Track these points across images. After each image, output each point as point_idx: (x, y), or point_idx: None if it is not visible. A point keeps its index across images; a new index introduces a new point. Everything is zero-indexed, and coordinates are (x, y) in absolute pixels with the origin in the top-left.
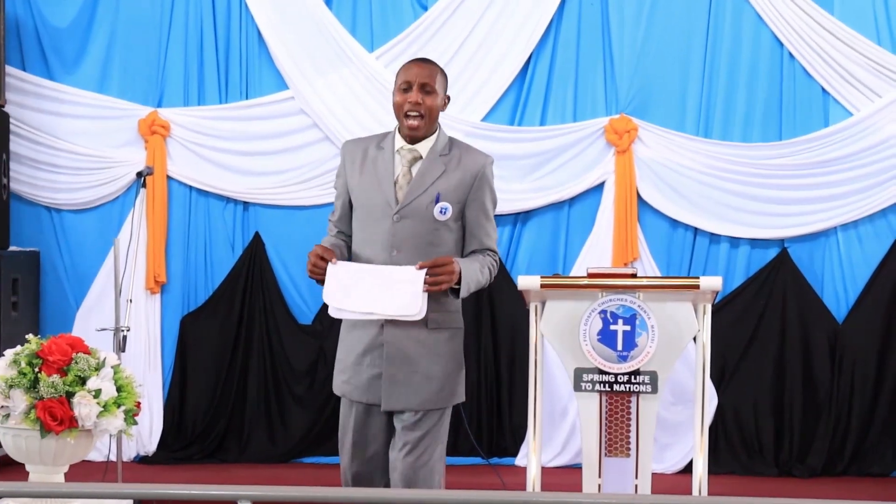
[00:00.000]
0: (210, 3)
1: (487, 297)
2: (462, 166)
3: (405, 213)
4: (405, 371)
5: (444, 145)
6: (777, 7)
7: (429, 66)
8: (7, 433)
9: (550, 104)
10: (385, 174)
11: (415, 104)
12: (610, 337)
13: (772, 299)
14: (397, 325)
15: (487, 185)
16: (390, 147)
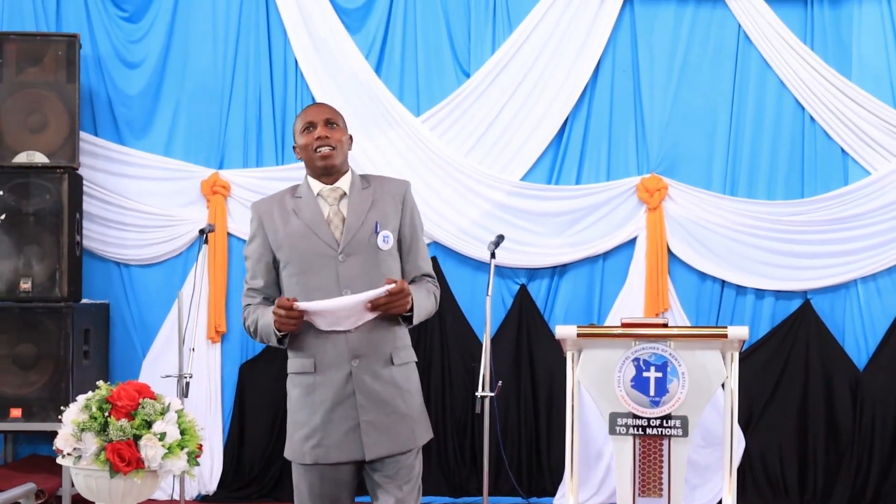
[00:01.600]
0: (268, 72)
1: (527, 346)
2: (386, 193)
3: (349, 251)
4: (382, 413)
5: (360, 180)
6: (798, 73)
7: (327, 106)
8: (79, 473)
9: (585, 164)
10: (315, 218)
11: (323, 137)
12: (643, 383)
13: (795, 348)
14: (364, 368)
15: (415, 209)
16: (308, 194)
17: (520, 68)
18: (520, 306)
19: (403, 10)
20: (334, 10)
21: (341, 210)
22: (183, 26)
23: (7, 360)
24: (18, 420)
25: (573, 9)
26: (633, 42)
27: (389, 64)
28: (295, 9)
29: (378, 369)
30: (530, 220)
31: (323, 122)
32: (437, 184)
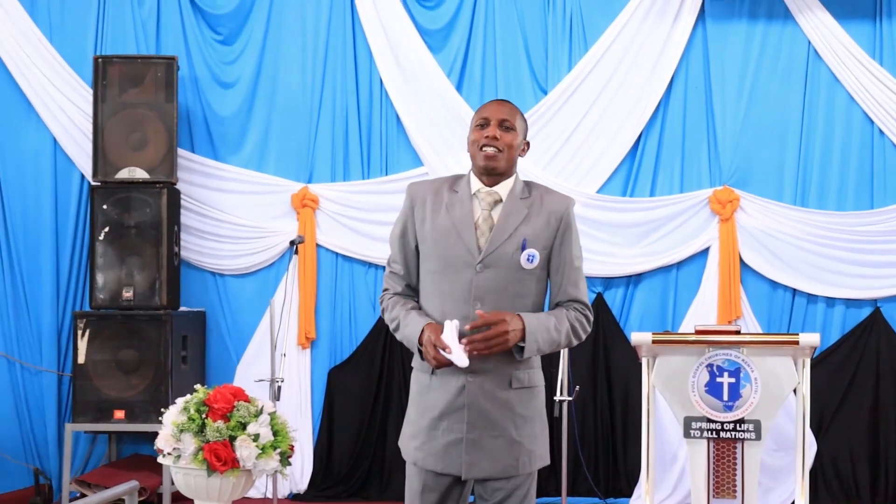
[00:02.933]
0: (354, 91)
1: (603, 352)
2: (546, 208)
3: (489, 263)
4: (488, 435)
5: (522, 188)
6: (867, 87)
7: (508, 105)
8: (179, 472)
9: (659, 177)
10: (464, 219)
11: (492, 138)
12: (717, 388)
13: (866, 354)
14: (479, 386)
15: (573, 231)
16: (466, 190)
17: (595, 85)
18: (596, 314)
19: (483, 30)
20: (417, 31)
21: (492, 216)
22: (274, 48)
23: (111, 364)
24: (122, 421)
25: (647, 27)
26: (705, 58)
27: (470, 82)
28: (380, 30)
29: (493, 389)
30: (606, 230)
31: (497, 122)
32: None
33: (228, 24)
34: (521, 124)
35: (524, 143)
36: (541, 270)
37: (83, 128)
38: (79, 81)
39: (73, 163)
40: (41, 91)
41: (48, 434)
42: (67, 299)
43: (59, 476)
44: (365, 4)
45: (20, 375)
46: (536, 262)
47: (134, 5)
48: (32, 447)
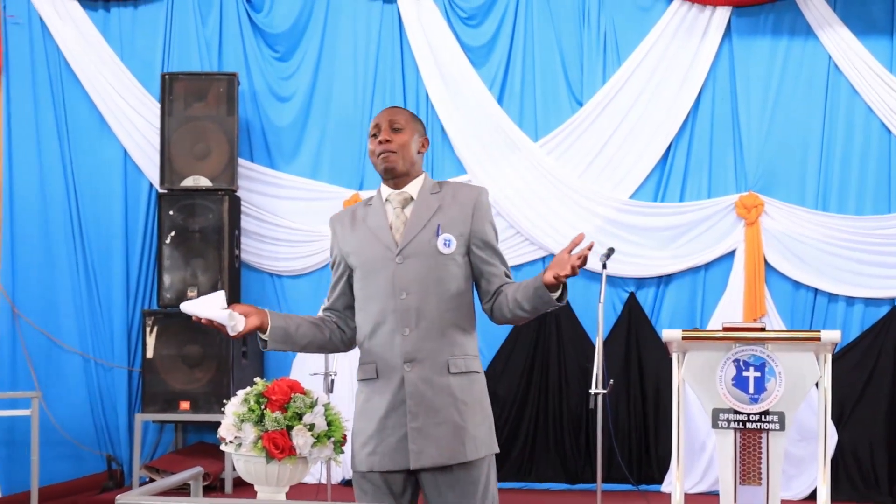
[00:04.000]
0: (402, 102)
1: (635, 348)
2: (457, 200)
3: (407, 253)
4: (432, 422)
5: (433, 185)
6: (884, 99)
7: (397, 108)
8: (240, 459)
9: (688, 183)
10: (379, 224)
11: (385, 143)
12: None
13: (884, 350)
14: (417, 374)
15: (488, 215)
16: (378, 201)
17: (628, 97)
18: (629, 312)
19: (523, 46)
20: (461, 48)
21: (405, 214)
22: (328, 64)
23: (177, 359)
24: (187, 412)
25: (677, 43)
26: (731, 72)
27: (510, 95)
28: (426, 47)
29: (432, 376)
30: (638, 234)
31: (387, 125)
32: (553, 202)
33: (285, 43)
34: (413, 123)
35: (422, 140)
36: (461, 257)
37: (151, 140)
38: (147, 97)
39: (142, 172)
40: (113, 106)
41: (119, 424)
42: (137, 299)
43: (129, 462)
44: (412, 23)
45: (94, 371)
46: (454, 246)
47: (198, 25)
48: (105, 436)
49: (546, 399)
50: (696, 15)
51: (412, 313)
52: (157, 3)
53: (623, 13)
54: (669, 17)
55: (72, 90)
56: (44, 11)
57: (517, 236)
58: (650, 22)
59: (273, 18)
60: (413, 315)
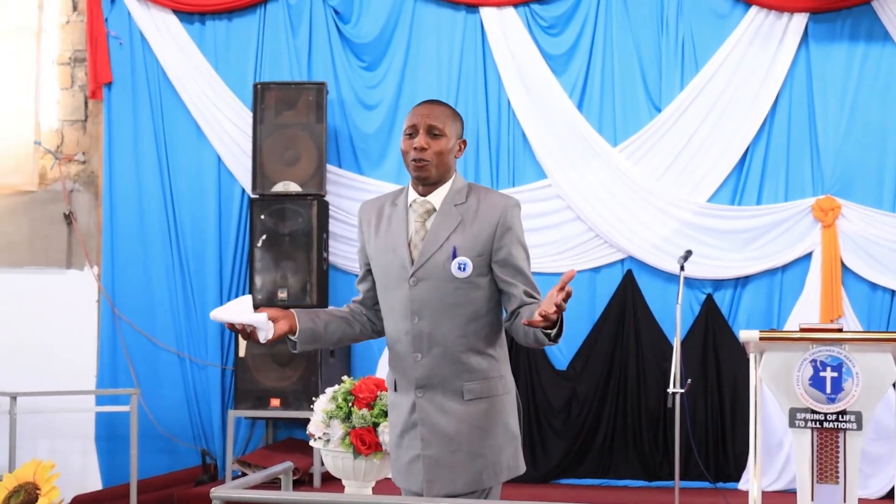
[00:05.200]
0: (484, 111)
1: (713, 348)
2: (480, 215)
3: (421, 276)
4: (447, 451)
5: (459, 193)
6: None
7: (437, 106)
8: (328, 454)
9: (765, 187)
10: (398, 234)
11: (420, 149)
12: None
13: None
14: (429, 401)
15: (514, 232)
16: (403, 202)
17: (706, 102)
18: (706, 313)
19: (602, 54)
20: (542, 57)
21: (425, 228)
22: (412, 73)
23: (268, 358)
24: (277, 409)
25: (754, 49)
26: (808, 76)
27: (590, 101)
28: (508, 56)
29: (445, 402)
30: (716, 236)
31: (425, 129)
32: (632, 205)
33: (372, 53)
34: (452, 125)
35: (459, 143)
36: (480, 277)
37: (244, 147)
38: (240, 105)
39: (234, 178)
40: (207, 115)
41: (213, 420)
42: (230, 299)
43: (223, 457)
44: (494, 32)
45: (189, 369)
46: (469, 270)
47: (289, 36)
48: (200, 431)
49: (625, 398)
50: (774, 21)
51: (424, 339)
52: (250, 15)
53: (701, 20)
54: (747, 24)
55: (169, 100)
56: (144, 26)
57: (597, 239)
58: (728, 28)
59: (360, 29)
60: (425, 341)
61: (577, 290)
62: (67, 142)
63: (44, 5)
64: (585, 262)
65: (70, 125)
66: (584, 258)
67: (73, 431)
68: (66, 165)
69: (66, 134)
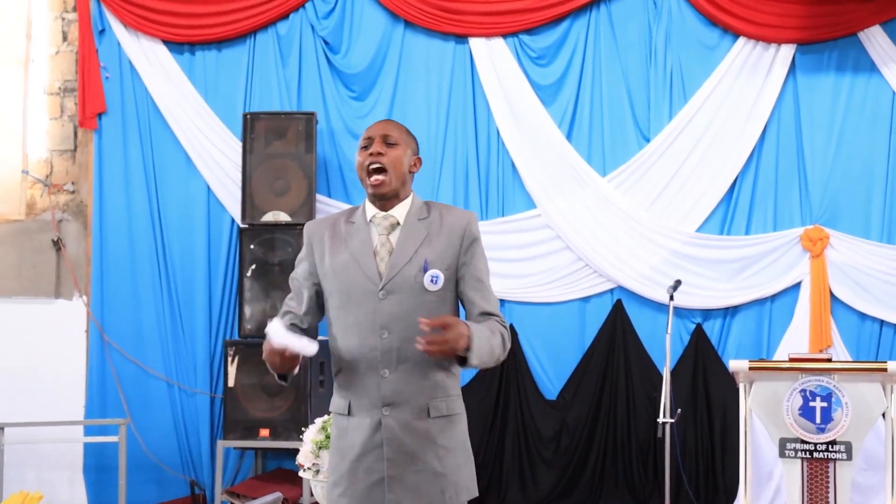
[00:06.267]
0: (474, 141)
1: (702, 378)
2: (446, 227)
3: (391, 288)
4: (410, 470)
5: (421, 209)
6: None
7: (392, 122)
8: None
9: (754, 217)
10: (362, 248)
11: (376, 155)
12: (810, 412)
13: None
14: (395, 419)
15: (478, 245)
16: (362, 219)
17: (694, 133)
18: (696, 343)
19: (591, 84)
20: (531, 87)
21: (391, 241)
22: (401, 103)
23: (257, 388)
24: (266, 439)
25: (742, 80)
26: (796, 107)
27: (579, 131)
28: (497, 86)
29: (411, 420)
30: (705, 266)
31: (380, 138)
32: (621, 235)
33: (361, 83)
34: (408, 139)
35: (415, 158)
36: (447, 292)
37: (233, 176)
38: (230, 135)
39: (224, 207)
40: (197, 145)
41: (202, 449)
42: (219, 329)
43: (211, 487)
44: (483, 63)
45: (178, 396)
46: (440, 282)
47: (278, 66)
48: (189, 461)
49: (615, 427)
50: (761, 52)
51: (393, 354)
52: (240, 45)
53: (689, 51)
54: (735, 55)
55: (159, 130)
56: (133, 56)
57: (586, 269)
58: (716, 59)
59: (350, 59)
60: (394, 356)
61: (566, 319)
62: (56, 171)
63: (32, 35)
64: (575, 292)
65: (59, 155)
66: (574, 288)
67: (60, 461)
68: (55, 195)
69: (54, 164)
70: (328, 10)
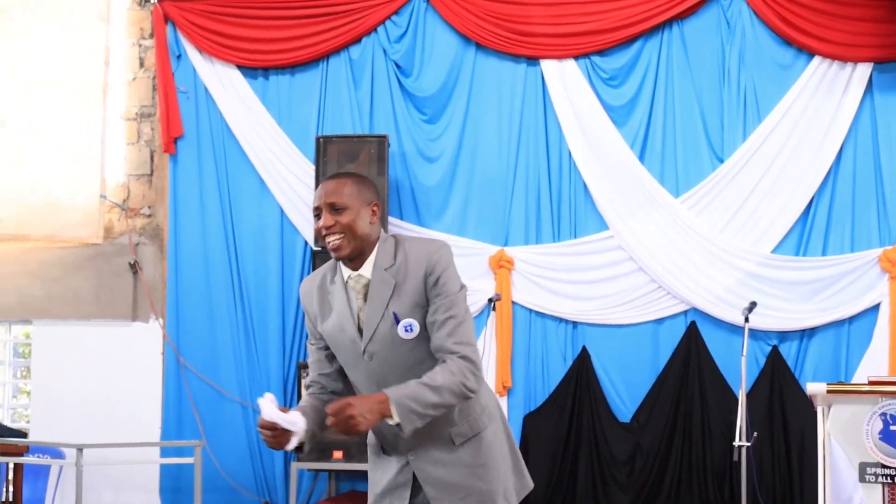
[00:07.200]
0: (545, 162)
1: (779, 401)
2: (409, 272)
3: (373, 349)
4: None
5: (386, 256)
6: None
7: (335, 181)
8: None
9: (831, 238)
10: (343, 313)
11: (327, 228)
12: (890, 436)
13: None
14: (423, 459)
15: (444, 277)
16: (339, 280)
17: (769, 153)
18: (772, 365)
19: (664, 105)
20: (603, 108)
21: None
22: (473, 126)
23: None
24: (340, 461)
25: (818, 99)
26: (873, 126)
27: (651, 152)
28: (569, 108)
29: (439, 455)
30: (780, 288)
31: (327, 209)
32: (694, 256)
33: (433, 106)
34: (359, 194)
35: (370, 207)
36: (424, 331)
37: (306, 199)
38: (303, 159)
39: (297, 230)
40: (271, 168)
41: (276, 471)
42: (293, 351)
43: None
44: (555, 85)
45: (252, 418)
46: (416, 329)
47: (351, 90)
48: (263, 482)
49: (690, 451)
50: (837, 71)
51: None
52: (313, 69)
53: (763, 70)
54: (810, 74)
55: (233, 154)
56: (209, 81)
57: (659, 290)
58: (791, 79)
59: (421, 82)
60: None
61: (640, 341)
62: (133, 196)
63: (110, 62)
64: (648, 314)
65: (136, 179)
66: (647, 309)
67: (137, 483)
68: (132, 219)
69: (131, 188)
70: (400, 34)
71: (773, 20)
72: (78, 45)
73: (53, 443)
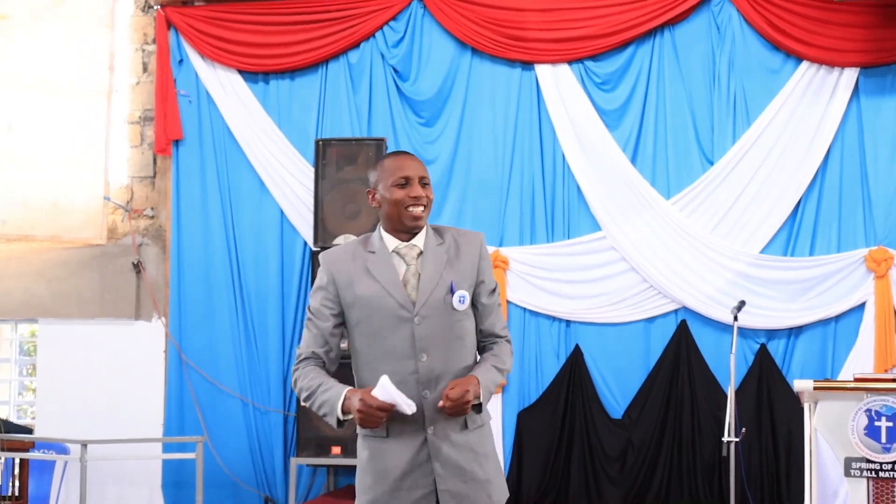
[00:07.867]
0: (539, 165)
1: (767, 397)
2: (462, 250)
3: (425, 313)
4: (460, 482)
5: (435, 235)
6: None
7: (417, 160)
8: None
9: (818, 238)
10: (391, 278)
11: (420, 197)
12: (875, 431)
13: None
14: (440, 436)
15: (489, 264)
16: (382, 249)
17: (758, 155)
18: (760, 363)
19: (655, 109)
20: (596, 112)
21: (418, 269)
22: (469, 129)
23: None
24: (338, 456)
25: (805, 103)
26: (859, 130)
27: (643, 155)
28: (563, 112)
29: (453, 435)
30: (769, 287)
31: (418, 180)
32: (685, 257)
33: (430, 109)
34: None
35: None
36: (470, 309)
37: (305, 201)
38: (303, 161)
39: (296, 231)
40: (271, 170)
41: (276, 466)
42: (292, 349)
43: (285, 503)
44: (549, 89)
45: (253, 415)
46: (468, 301)
47: (349, 94)
48: (263, 477)
49: (680, 446)
50: (825, 76)
51: (433, 375)
52: (312, 74)
53: (752, 75)
54: (798, 79)
55: (234, 156)
56: (210, 85)
57: (651, 290)
58: (779, 83)
59: (419, 86)
60: (434, 378)
61: (632, 339)
62: (136, 197)
63: (115, 67)
64: (640, 313)
65: (139, 181)
66: (639, 308)
67: (140, 478)
68: (136, 220)
69: (135, 190)
70: (398, 39)
71: (763, 26)
72: (83, 51)
73: (58, 439)
